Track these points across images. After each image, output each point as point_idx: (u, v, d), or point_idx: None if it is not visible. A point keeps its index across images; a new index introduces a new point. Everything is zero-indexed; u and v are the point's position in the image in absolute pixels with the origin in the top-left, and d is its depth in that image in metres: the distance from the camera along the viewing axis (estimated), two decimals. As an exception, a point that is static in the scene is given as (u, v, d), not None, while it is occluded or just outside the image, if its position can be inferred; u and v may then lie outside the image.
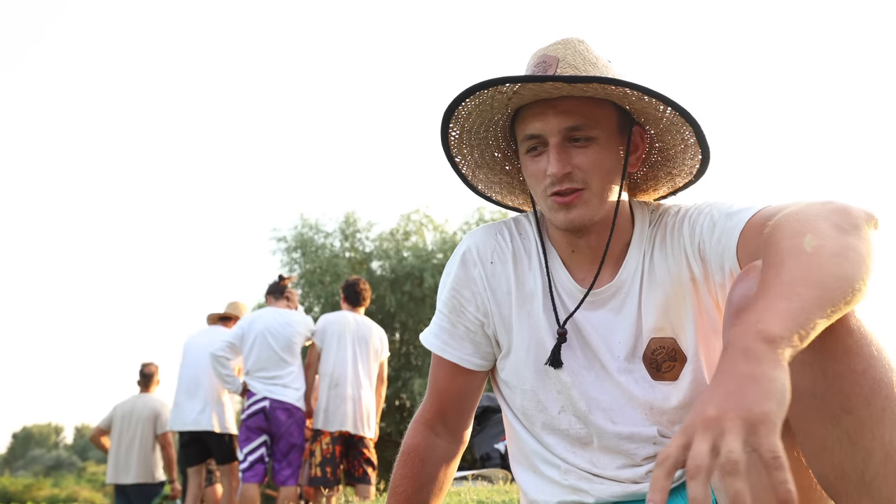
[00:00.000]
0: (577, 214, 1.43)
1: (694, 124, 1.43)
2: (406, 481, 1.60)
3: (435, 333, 1.61)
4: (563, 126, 1.40)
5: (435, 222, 18.53)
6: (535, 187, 1.47)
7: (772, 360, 0.96)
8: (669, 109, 1.42)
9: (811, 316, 1.02)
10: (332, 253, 18.12)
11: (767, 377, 0.94)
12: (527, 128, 1.44)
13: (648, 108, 1.44)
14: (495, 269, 1.56)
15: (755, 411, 0.91)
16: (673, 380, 1.48)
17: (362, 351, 5.68)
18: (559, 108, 1.41)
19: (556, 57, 1.46)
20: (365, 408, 5.64)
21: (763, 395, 0.92)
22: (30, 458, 56.25)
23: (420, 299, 16.89)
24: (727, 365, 0.98)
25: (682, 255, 1.47)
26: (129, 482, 7.01)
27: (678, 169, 1.59)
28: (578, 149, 1.42)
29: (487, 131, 1.53)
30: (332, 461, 5.54)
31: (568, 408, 1.51)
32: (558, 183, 1.41)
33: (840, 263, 1.08)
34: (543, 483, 1.56)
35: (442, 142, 1.53)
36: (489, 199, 1.69)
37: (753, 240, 1.33)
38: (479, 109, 1.46)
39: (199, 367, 6.03)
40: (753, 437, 0.89)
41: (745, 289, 1.22)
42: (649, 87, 1.37)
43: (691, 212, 1.50)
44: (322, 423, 5.55)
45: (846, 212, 1.18)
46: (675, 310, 1.47)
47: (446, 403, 1.62)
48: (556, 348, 1.50)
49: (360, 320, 5.77)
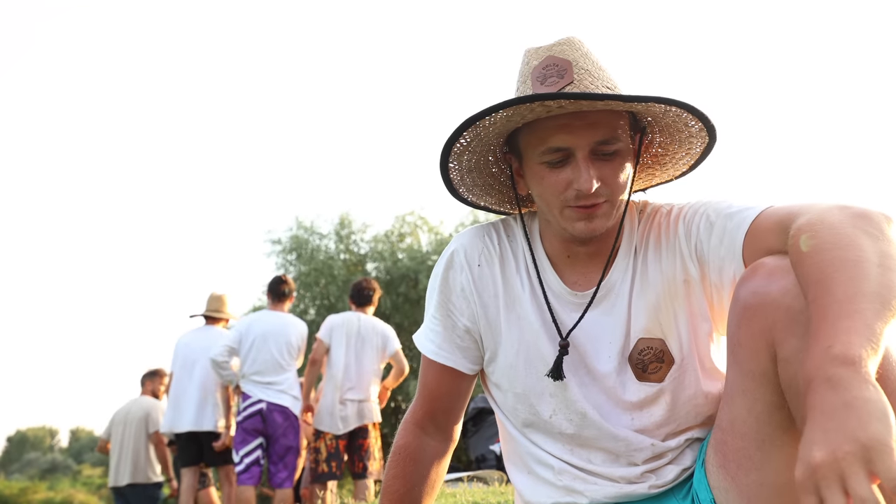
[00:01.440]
0: (598, 224, 1.41)
1: (713, 138, 1.44)
2: (398, 481, 1.61)
3: (428, 338, 1.60)
4: (593, 140, 1.36)
5: (430, 224, 18.51)
6: (550, 198, 1.41)
7: (859, 381, 0.94)
8: (698, 125, 1.42)
9: (877, 329, 1.01)
10: (327, 255, 18.08)
11: (862, 399, 0.92)
12: (550, 140, 1.37)
13: (678, 122, 1.42)
14: (482, 271, 1.55)
15: (862, 439, 0.89)
16: (659, 381, 1.47)
17: (364, 353, 5.67)
18: (587, 119, 1.36)
19: (568, 60, 1.41)
20: (367, 405, 5.64)
21: (863, 419, 0.90)
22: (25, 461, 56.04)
23: (415, 301, 16.86)
24: (816, 401, 0.96)
25: (676, 257, 1.46)
26: (124, 483, 7.03)
27: (662, 172, 1.59)
28: (604, 162, 1.38)
29: (497, 139, 1.48)
30: (337, 455, 5.57)
31: (560, 410, 1.50)
32: (584, 198, 1.38)
33: (885, 273, 1.07)
34: (537, 484, 1.55)
35: (446, 146, 1.45)
36: (464, 201, 1.62)
37: (762, 241, 1.32)
38: (508, 120, 1.39)
39: (193, 367, 6.01)
40: (871, 465, 0.88)
41: (754, 286, 1.22)
42: (696, 107, 1.36)
43: (685, 211, 1.48)
44: (325, 426, 5.55)
45: (869, 217, 1.17)
46: (666, 311, 1.46)
47: (437, 404, 1.62)
48: (559, 361, 1.48)
49: (365, 321, 5.75)
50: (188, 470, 6.17)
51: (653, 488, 1.47)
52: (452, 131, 1.41)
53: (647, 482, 1.47)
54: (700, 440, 1.50)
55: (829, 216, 1.18)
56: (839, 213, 1.18)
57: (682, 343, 1.46)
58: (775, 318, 1.22)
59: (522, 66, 1.49)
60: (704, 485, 1.41)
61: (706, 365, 1.48)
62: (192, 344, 6.12)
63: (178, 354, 6.16)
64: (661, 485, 1.47)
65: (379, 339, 5.76)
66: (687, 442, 1.50)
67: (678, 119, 1.42)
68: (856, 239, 1.12)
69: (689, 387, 1.47)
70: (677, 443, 1.48)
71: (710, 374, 1.48)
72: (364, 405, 5.63)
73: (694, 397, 1.47)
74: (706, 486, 1.40)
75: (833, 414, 0.92)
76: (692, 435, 1.50)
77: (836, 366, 0.96)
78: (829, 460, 0.90)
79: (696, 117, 1.39)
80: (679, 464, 1.48)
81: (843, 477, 0.88)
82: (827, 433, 0.91)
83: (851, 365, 0.95)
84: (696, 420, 1.49)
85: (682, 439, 1.49)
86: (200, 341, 6.10)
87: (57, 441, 69.26)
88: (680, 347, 1.46)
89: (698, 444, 1.50)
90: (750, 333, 1.24)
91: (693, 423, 1.49)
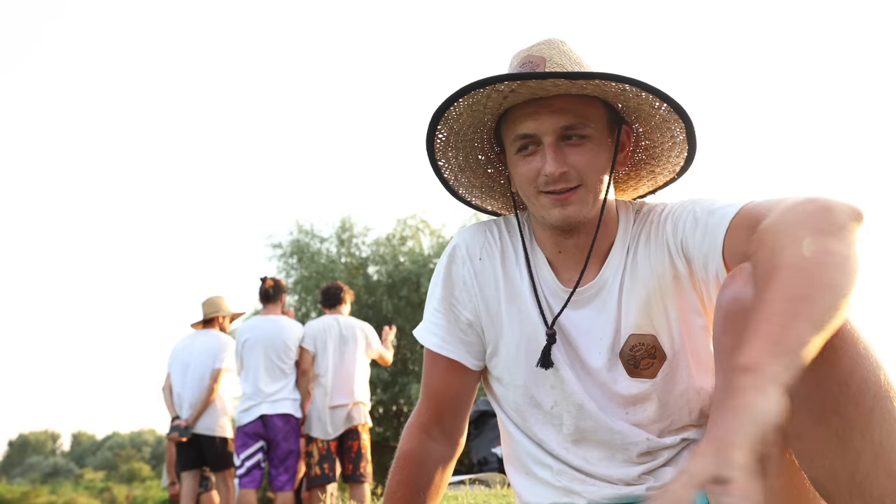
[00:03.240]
0: (572, 211, 1.43)
1: (687, 121, 1.44)
2: (403, 487, 1.60)
3: (431, 331, 1.61)
4: (559, 125, 1.40)
5: (431, 227, 18.51)
6: (525, 187, 1.46)
7: (754, 387, 0.97)
8: (665, 106, 1.43)
9: (796, 334, 1.02)
10: (328, 259, 18.08)
11: (743, 405, 0.95)
12: (518, 127, 1.43)
13: (643, 105, 1.44)
14: (484, 265, 1.57)
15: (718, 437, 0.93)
16: (651, 377, 1.48)
17: (348, 353, 5.67)
18: (553, 106, 1.40)
19: (542, 57, 1.46)
20: (355, 408, 5.64)
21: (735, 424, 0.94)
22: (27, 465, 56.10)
23: (417, 304, 16.85)
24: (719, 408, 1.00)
25: (665, 253, 1.47)
26: None
27: (661, 167, 1.60)
28: (573, 147, 1.42)
29: (475, 133, 1.53)
30: (329, 457, 5.58)
31: (561, 402, 1.51)
32: (553, 182, 1.41)
33: (823, 272, 1.07)
34: (536, 485, 1.56)
35: (427, 143, 1.51)
36: (468, 204, 1.68)
37: (738, 240, 1.32)
38: (472, 110, 1.44)
39: (193, 372, 6.00)
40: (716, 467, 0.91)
41: (734, 292, 1.22)
42: (648, 83, 1.37)
43: (675, 209, 1.49)
44: (316, 432, 5.57)
45: (829, 211, 1.15)
46: (657, 307, 1.47)
47: (442, 406, 1.62)
48: (547, 350, 1.50)
49: (344, 322, 5.75)
50: (188, 473, 6.15)
51: (651, 490, 1.48)
52: (427, 126, 1.47)
53: (645, 484, 1.48)
54: (697, 442, 1.51)
55: (789, 215, 1.17)
56: (799, 212, 1.17)
57: (674, 339, 1.47)
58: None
59: (508, 68, 1.53)
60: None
61: (702, 359, 1.49)
62: (189, 347, 6.10)
63: (175, 359, 6.14)
64: (658, 487, 1.48)
65: (362, 336, 5.77)
66: (683, 442, 1.51)
67: (642, 102, 1.43)
68: (801, 240, 1.11)
69: (681, 382, 1.48)
70: (672, 441, 1.50)
71: (706, 368, 1.49)
72: (352, 408, 5.62)
73: (685, 392, 1.48)
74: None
75: (720, 420, 0.97)
76: (688, 435, 1.51)
77: (739, 373, 1.00)
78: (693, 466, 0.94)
79: (654, 95, 1.39)
80: (676, 466, 1.49)
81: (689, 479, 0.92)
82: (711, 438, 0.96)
83: (750, 372, 0.98)
84: (690, 416, 1.50)
85: (678, 438, 1.50)
86: (196, 344, 6.09)
87: (59, 445, 69.30)
88: (672, 343, 1.48)
89: (695, 445, 1.51)
90: (733, 340, 1.22)
91: (687, 420, 1.51)
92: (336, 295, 5.87)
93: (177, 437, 5.93)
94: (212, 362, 5.99)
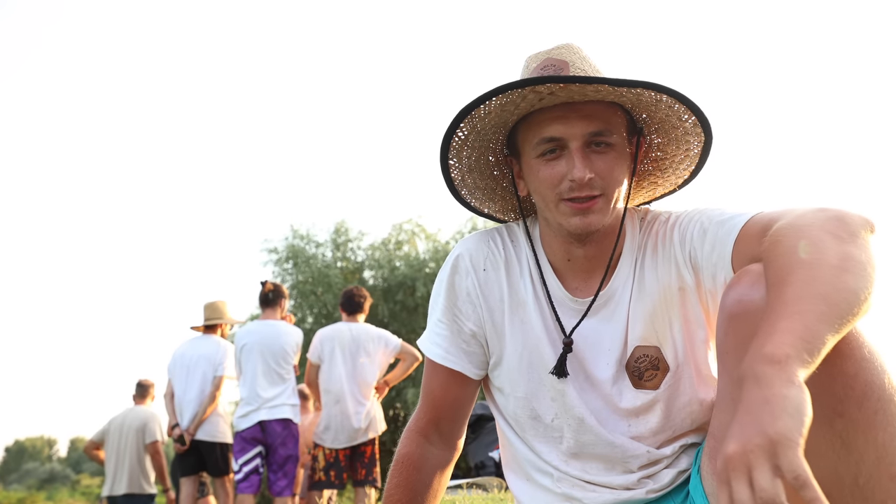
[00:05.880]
0: (593, 220, 1.41)
1: (709, 136, 1.43)
2: (400, 490, 1.59)
3: (435, 342, 1.59)
4: (587, 131, 1.38)
5: (427, 231, 18.56)
6: (547, 192, 1.42)
7: (782, 379, 0.95)
8: (692, 119, 1.42)
9: (817, 332, 1.01)
10: (323, 263, 18.10)
11: (779, 396, 0.94)
12: (545, 130, 1.39)
13: (671, 116, 1.43)
14: (488, 276, 1.55)
15: (770, 433, 0.91)
16: (654, 388, 1.47)
17: (359, 361, 5.56)
18: (582, 111, 1.38)
19: (565, 61, 1.44)
20: (367, 417, 5.54)
21: (776, 415, 0.92)
22: (23, 471, 55.99)
23: (412, 308, 16.87)
24: (742, 397, 0.98)
25: (672, 264, 1.46)
26: (119, 493, 6.99)
27: (665, 179, 1.59)
28: (598, 154, 1.39)
29: (494, 133, 1.49)
30: (337, 465, 5.51)
31: (562, 415, 1.50)
32: (578, 189, 1.38)
33: (841, 275, 1.07)
34: (536, 491, 1.55)
35: (444, 140, 1.47)
36: (467, 206, 1.65)
37: (748, 248, 1.32)
38: (502, 109, 1.40)
39: (192, 378, 5.99)
40: (775, 459, 0.89)
41: (738, 294, 1.22)
42: (688, 96, 1.37)
43: (681, 219, 1.48)
44: (326, 441, 5.51)
45: (843, 220, 1.16)
46: (661, 319, 1.46)
47: (441, 412, 1.61)
48: (563, 358, 1.48)
49: (356, 329, 5.62)
50: (187, 479, 6.14)
51: (650, 493, 1.48)
52: (450, 122, 1.42)
53: (645, 487, 1.48)
54: (696, 444, 1.51)
55: (802, 220, 1.18)
56: (813, 217, 1.18)
57: (678, 350, 1.47)
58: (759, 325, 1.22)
59: (523, 70, 1.51)
60: (700, 492, 1.41)
61: (702, 372, 1.48)
62: (189, 353, 6.09)
63: (175, 365, 6.12)
64: (658, 489, 1.48)
65: (378, 341, 5.63)
66: (682, 448, 1.50)
67: (671, 113, 1.42)
68: (821, 243, 1.12)
69: (684, 394, 1.47)
70: (672, 450, 1.49)
71: (706, 381, 1.49)
72: (368, 418, 5.52)
73: (689, 404, 1.48)
74: (702, 493, 1.41)
75: (751, 409, 0.95)
76: (687, 441, 1.50)
77: (764, 364, 0.98)
78: (739, 453, 0.92)
79: (687, 107, 1.40)
80: (675, 467, 1.49)
81: (749, 469, 0.90)
82: (743, 427, 0.94)
83: (777, 363, 0.97)
84: (692, 427, 1.50)
85: (677, 446, 1.50)
86: (197, 350, 6.07)
87: (55, 451, 69.19)
88: (675, 355, 1.47)
89: (693, 448, 1.51)
90: (736, 341, 1.23)
91: (688, 430, 1.50)
92: (359, 303, 5.71)
93: (179, 447, 5.99)
94: (213, 370, 5.98)
